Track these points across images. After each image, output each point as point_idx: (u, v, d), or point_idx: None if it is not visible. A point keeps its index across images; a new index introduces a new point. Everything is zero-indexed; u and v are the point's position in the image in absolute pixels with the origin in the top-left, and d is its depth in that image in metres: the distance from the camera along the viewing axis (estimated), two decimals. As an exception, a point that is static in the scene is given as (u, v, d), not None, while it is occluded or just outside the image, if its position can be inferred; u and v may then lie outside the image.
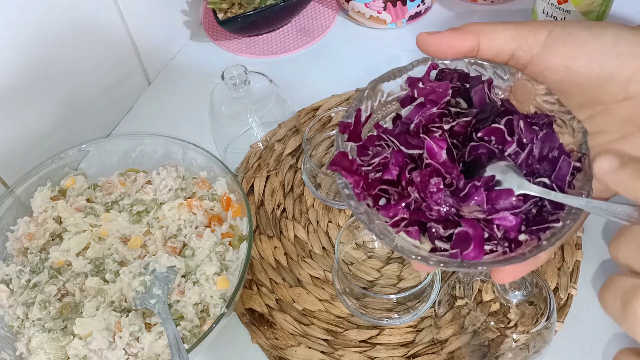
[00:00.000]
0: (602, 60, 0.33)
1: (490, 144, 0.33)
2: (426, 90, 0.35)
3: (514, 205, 0.31)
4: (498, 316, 0.47)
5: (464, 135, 0.34)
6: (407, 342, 0.53)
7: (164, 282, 0.52)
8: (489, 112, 0.34)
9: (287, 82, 0.70)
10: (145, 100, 0.77)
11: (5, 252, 0.58)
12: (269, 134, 0.67)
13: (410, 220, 0.32)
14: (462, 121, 0.34)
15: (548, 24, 0.34)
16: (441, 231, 0.32)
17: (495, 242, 0.31)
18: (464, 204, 0.31)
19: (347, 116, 0.35)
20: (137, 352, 0.50)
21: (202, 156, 0.60)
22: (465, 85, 0.35)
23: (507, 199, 0.31)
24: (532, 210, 0.32)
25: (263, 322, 0.55)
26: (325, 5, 0.87)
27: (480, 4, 0.83)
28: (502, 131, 0.33)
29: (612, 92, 0.33)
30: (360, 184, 0.33)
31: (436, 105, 0.34)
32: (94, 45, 0.67)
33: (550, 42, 0.34)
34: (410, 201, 0.32)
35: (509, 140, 0.33)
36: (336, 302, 0.56)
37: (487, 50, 0.35)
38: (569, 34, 0.33)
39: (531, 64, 0.34)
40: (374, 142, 0.35)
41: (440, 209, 0.32)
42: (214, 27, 0.85)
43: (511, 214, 0.31)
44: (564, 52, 0.33)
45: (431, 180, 0.32)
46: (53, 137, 0.64)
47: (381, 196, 0.33)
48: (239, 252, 0.55)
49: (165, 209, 0.58)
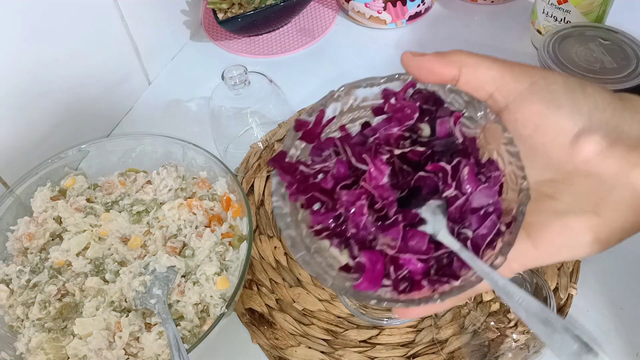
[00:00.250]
0: (572, 129, 0.31)
1: (438, 178, 0.33)
2: (396, 107, 0.35)
3: (422, 251, 0.31)
4: (498, 316, 0.47)
5: (417, 162, 0.34)
6: (407, 342, 0.53)
7: (164, 282, 0.52)
8: (447, 147, 0.33)
9: (287, 82, 0.70)
10: (145, 100, 0.77)
11: (5, 252, 0.58)
12: (269, 134, 0.67)
13: (332, 231, 0.33)
14: (416, 149, 0.33)
15: (534, 73, 0.33)
16: (355, 252, 0.32)
17: (393, 280, 0.31)
18: (382, 233, 0.31)
19: (310, 113, 0.35)
20: (137, 352, 0.50)
21: (202, 156, 0.60)
22: (436, 111, 0.35)
23: (419, 243, 0.31)
24: (443, 260, 0.32)
25: (263, 322, 0.55)
26: (325, 5, 0.87)
27: (480, 4, 0.83)
28: (447, 172, 0.32)
29: (576, 164, 0.32)
30: (294, 185, 0.33)
31: (399, 126, 0.34)
32: (94, 45, 0.67)
33: (529, 94, 0.32)
34: (338, 214, 0.33)
35: (449, 183, 0.32)
36: (336, 302, 0.56)
37: (467, 84, 0.34)
38: (549, 92, 0.32)
39: (506, 110, 0.33)
40: (329, 146, 0.34)
41: (357, 232, 0.32)
42: (214, 27, 0.85)
43: (418, 258, 0.31)
44: (538, 109, 0.32)
45: (357, 203, 0.32)
46: (53, 137, 0.64)
47: (316, 200, 0.33)
48: (239, 252, 0.55)
49: (165, 209, 0.58)
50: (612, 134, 0.31)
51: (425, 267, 0.31)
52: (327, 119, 0.35)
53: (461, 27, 0.81)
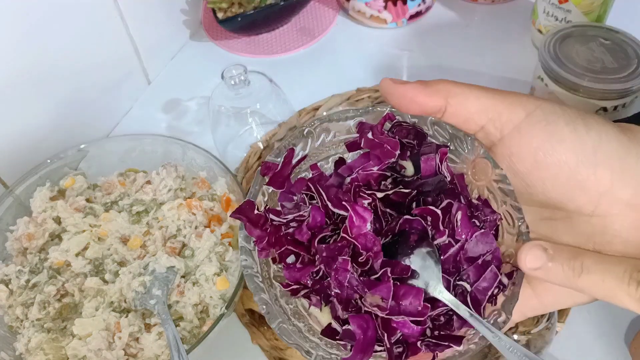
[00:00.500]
0: (576, 166, 0.28)
1: (426, 221, 0.29)
2: (374, 143, 0.31)
3: (419, 312, 0.28)
4: (499, 317, 0.47)
5: (401, 204, 0.30)
6: (408, 342, 0.53)
7: (163, 283, 0.52)
8: (434, 187, 0.30)
9: (287, 82, 0.70)
10: (145, 100, 0.77)
11: (5, 252, 0.57)
12: (269, 134, 0.67)
13: (312, 289, 0.29)
14: (400, 191, 0.30)
15: (529, 102, 0.30)
16: (339, 312, 0.29)
17: (387, 348, 0.28)
18: (370, 291, 0.28)
19: (277, 154, 0.31)
20: (136, 353, 0.50)
21: (202, 156, 0.60)
22: (419, 146, 0.31)
23: (414, 302, 0.27)
24: (440, 318, 0.29)
25: (263, 323, 0.55)
26: (325, 5, 0.87)
27: (480, 4, 0.83)
28: (438, 217, 0.29)
29: (579, 204, 0.29)
30: (264, 240, 0.30)
31: (378, 164, 0.31)
32: (94, 45, 0.67)
33: (526, 126, 0.29)
34: (317, 270, 0.29)
35: (441, 230, 0.29)
36: (336, 302, 0.56)
37: (454, 116, 0.31)
38: (548, 124, 0.29)
39: (501, 143, 0.30)
40: (301, 188, 0.31)
41: (341, 292, 0.28)
42: (214, 26, 0.84)
43: (412, 320, 0.28)
44: (537, 142, 0.29)
45: (339, 258, 0.28)
46: (53, 137, 0.64)
47: (290, 253, 0.30)
48: (239, 252, 0.55)
49: (164, 209, 0.57)
50: (618, 170, 0.28)
51: (422, 330, 0.28)
52: (297, 159, 0.32)
53: (462, 27, 0.81)
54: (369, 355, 0.28)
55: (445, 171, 0.31)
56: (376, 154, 0.31)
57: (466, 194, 0.31)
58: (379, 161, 0.31)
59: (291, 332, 0.28)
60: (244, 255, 0.30)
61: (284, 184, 0.31)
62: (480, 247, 0.29)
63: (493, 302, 0.28)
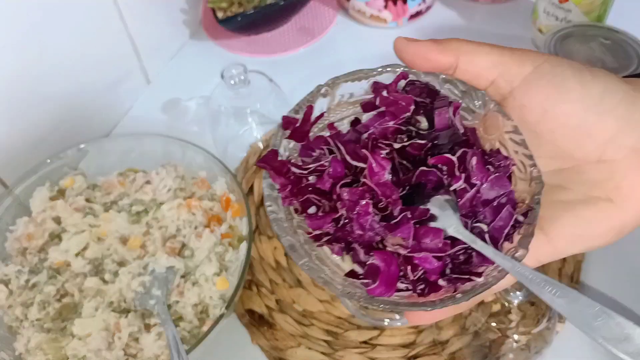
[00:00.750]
0: (583, 113, 0.30)
1: (442, 172, 0.30)
2: (389, 100, 0.32)
3: (439, 248, 0.29)
4: (499, 317, 0.47)
5: (416, 157, 0.31)
6: (408, 343, 0.53)
7: (163, 283, 0.52)
8: (448, 139, 0.31)
9: (287, 82, 0.70)
10: (145, 100, 0.77)
11: (4, 252, 0.57)
12: (269, 133, 0.67)
13: (334, 236, 0.30)
14: (416, 143, 0.31)
15: (537, 57, 0.31)
16: (362, 256, 0.30)
17: (409, 282, 0.29)
18: (391, 233, 0.29)
19: (296, 111, 0.33)
20: (136, 353, 0.50)
21: (202, 156, 0.60)
22: (432, 103, 0.32)
23: (434, 239, 0.29)
24: (459, 257, 0.30)
25: (263, 323, 0.55)
26: (325, 4, 0.86)
27: (481, 3, 0.83)
28: (453, 163, 0.30)
29: (587, 151, 0.30)
30: (287, 187, 0.31)
31: (394, 119, 0.32)
32: (93, 45, 0.67)
33: (534, 78, 0.31)
34: (338, 217, 0.30)
35: (457, 175, 0.30)
36: (336, 303, 0.56)
37: (465, 72, 0.32)
38: (556, 75, 0.30)
39: (511, 96, 0.32)
40: (320, 144, 0.32)
41: (363, 234, 0.29)
42: (214, 26, 0.84)
43: (434, 256, 0.29)
44: (545, 93, 0.30)
45: (360, 202, 0.29)
46: (52, 137, 0.64)
47: (312, 203, 0.31)
48: (239, 252, 0.55)
49: (164, 209, 0.57)
50: (624, 118, 0.30)
51: (443, 266, 0.29)
52: (316, 116, 0.33)
53: (462, 26, 0.81)
54: (392, 289, 0.29)
55: (459, 124, 0.32)
56: (391, 110, 0.32)
57: (479, 145, 0.32)
58: (394, 117, 0.32)
59: (317, 270, 0.29)
60: (269, 201, 0.30)
61: (304, 138, 0.32)
62: (495, 190, 0.30)
63: (510, 240, 0.30)
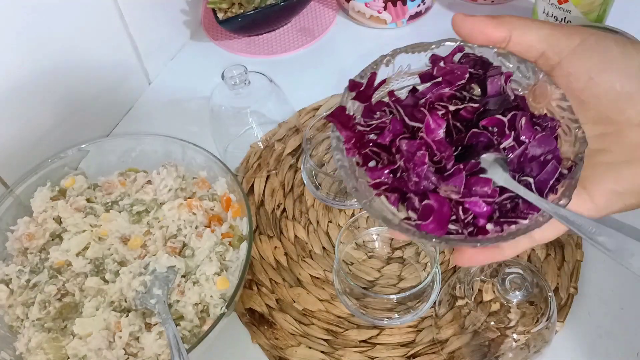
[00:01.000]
0: (625, 80, 0.33)
1: (492, 134, 0.33)
2: (445, 70, 0.35)
3: (488, 194, 0.32)
4: (498, 316, 0.47)
5: (469, 120, 0.34)
6: (408, 342, 0.53)
7: (163, 282, 0.52)
8: (499, 104, 0.34)
9: (287, 82, 0.70)
10: (145, 100, 0.77)
11: (5, 252, 0.57)
12: (269, 134, 0.67)
13: (391, 186, 0.33)
14: (469, 106, 0.34)
15: (584, 32, 0.34)
16: (416, 203, 0.32)
17: (460, 224, 0.32)
18: (444, 182, 0.32)
19: (361, 76, 0.36)
20: (137, 352, 0.50)
21: (202, 156, 0.60)
22: (485, 74, 0.36)
23: (484, 187, 0.32)
24: (507, 205, 0.32)
25: (263, 322, 0.55)
26: (325, 5, 0.87)
27: (480, 4, 0.83)
28: (504, 123, 0.33)
29: (628, 115, 0.33)
30: (351, 139, 0.34)
31: (450, 86, 0.35)
32: (94, 45, 0.67)
33: (581, 50, 0.34)
34: (395, 168, 0.33)
35: (507, 134, 0.33)
36: (336, 302, 0.56)
37: (517, 45, 0.35)
38: (600, 47, 0.34)
39: (559, 66, 0.35)
40: (381, 107, 0.35)
41: (419, 182, 0.32)
42: (214, 26, 0.85)
43: (483, 201, 0.32)
44: (591, 62, 0.34)
45: (417, 153, 0.32)
46: (53, 137, 0.64)
47: (371, 158, 0.34)
48: (239, 252, 0.55)
49: (165, 209, 0.57)
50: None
51: (491, 210, 0.32)
52: (379, 82, 0.36)
53: (461, 27, 0.81)
54: (444, 228, 0.31)
55: (510, 91, 0.35)
56: (447, 78, 0.35)
57: (528, 110, 0.35)
58: (449, 84, 0.35)
59: (377, 208, 0.33)
60: (336, 151, 0.34)
61: (367, 100, 0.36)
62: (542, 148, 0.33)
63: (554, 192, 0.33)
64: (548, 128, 0.34)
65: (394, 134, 0.34)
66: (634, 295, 0.54)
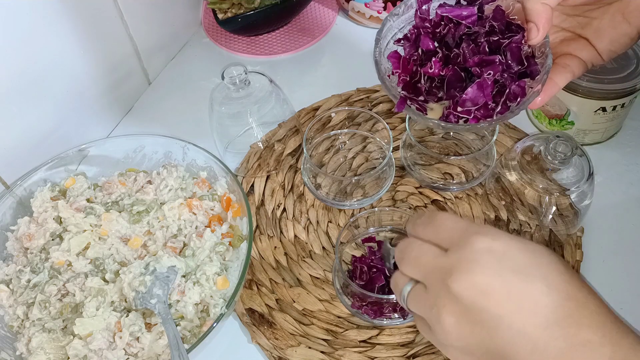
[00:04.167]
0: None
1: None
2: None
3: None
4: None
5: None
6: (407, 342, 0.53)
7: (164, 282, 0.52)
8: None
9: (287, 82, 0.70)
10: (145, 100, 0.77)
11: (5, 252, 0.58)
12: (269, 134, 0.67)
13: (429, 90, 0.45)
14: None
15: None
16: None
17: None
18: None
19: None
20: (137, 352, 0.50)
21: (202, 156, 0.60)
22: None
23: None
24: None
25: (263, 322, 0.55)
26: (325, 5, 0.87)
27: (480, 4, 0.83)
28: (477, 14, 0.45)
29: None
30: (400, 59, 0.46)
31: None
32: (94, 45, 0.67)
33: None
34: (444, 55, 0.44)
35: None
36: (336, 302, 0.56)
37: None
38: None
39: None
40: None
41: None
42: (214, 27, 0.85)
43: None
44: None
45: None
46: (53, 137, 0.64)
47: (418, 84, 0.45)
48: (239, 252, 0.55)
49: (165, 209, 0.58)
50: None
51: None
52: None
53: (461, 27, 0.81)
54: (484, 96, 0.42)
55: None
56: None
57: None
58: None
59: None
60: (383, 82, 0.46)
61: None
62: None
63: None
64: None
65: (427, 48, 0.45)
66: (634, 295, 0.54)
